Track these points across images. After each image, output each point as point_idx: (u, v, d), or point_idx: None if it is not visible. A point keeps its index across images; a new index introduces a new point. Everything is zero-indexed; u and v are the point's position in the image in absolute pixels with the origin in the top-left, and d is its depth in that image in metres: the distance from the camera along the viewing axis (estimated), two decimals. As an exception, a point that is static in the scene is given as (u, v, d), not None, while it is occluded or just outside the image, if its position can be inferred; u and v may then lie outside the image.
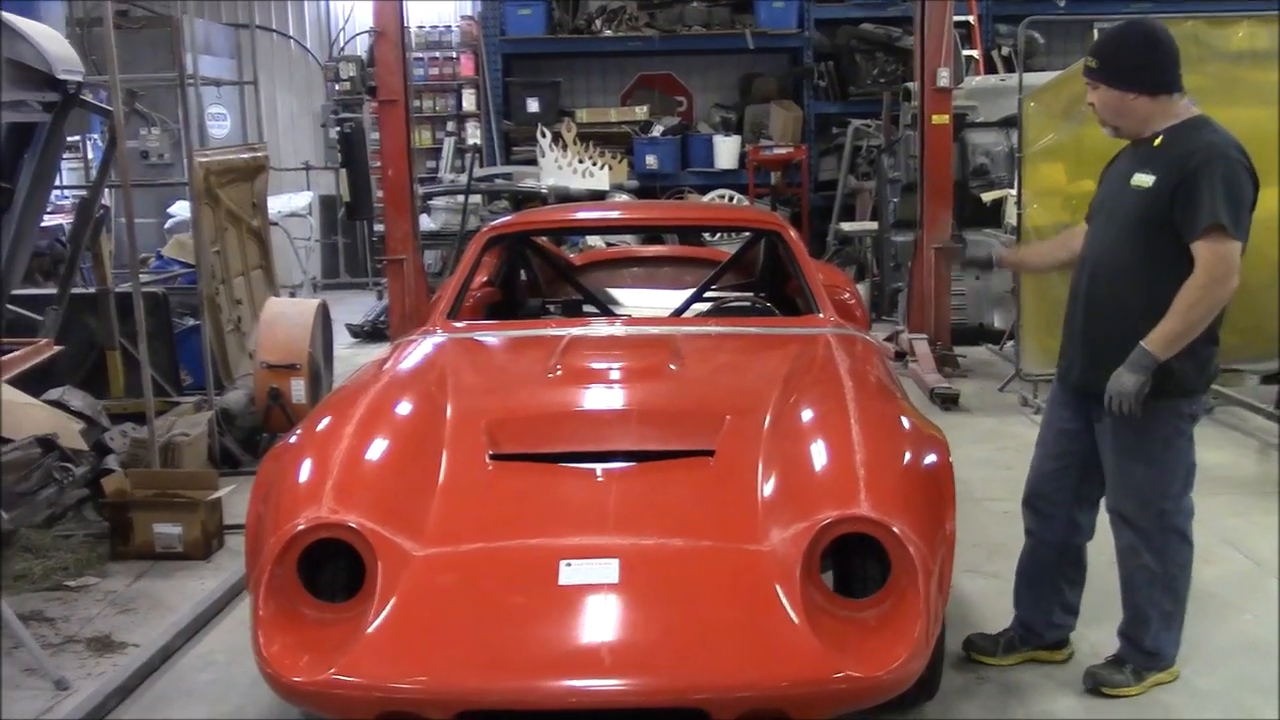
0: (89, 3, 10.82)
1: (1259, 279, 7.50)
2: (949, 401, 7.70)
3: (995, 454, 6.61)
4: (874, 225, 10.82)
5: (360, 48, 13.50)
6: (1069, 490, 3.96)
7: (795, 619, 3.06)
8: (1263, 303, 7.52)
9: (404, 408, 3.97)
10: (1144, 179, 3.68)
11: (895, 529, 3.19)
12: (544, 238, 6.83)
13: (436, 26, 13.98)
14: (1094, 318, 3.78)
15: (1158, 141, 3.70)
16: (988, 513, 5.50)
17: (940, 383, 7.98)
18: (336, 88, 12.30)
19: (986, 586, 4.67)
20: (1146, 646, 3.88)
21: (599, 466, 3.60)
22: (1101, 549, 4.04)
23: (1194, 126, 3.70)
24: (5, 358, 4.15)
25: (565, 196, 11.02)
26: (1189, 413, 3.78)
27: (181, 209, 10.66)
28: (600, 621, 3.08)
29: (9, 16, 5.67)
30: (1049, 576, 4.05)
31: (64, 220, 9.93)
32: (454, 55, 13.91)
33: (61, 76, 5.57)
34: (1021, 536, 4.12)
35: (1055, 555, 4.02)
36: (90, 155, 10.50)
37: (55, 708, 3.84)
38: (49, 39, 5.72)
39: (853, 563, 3.37)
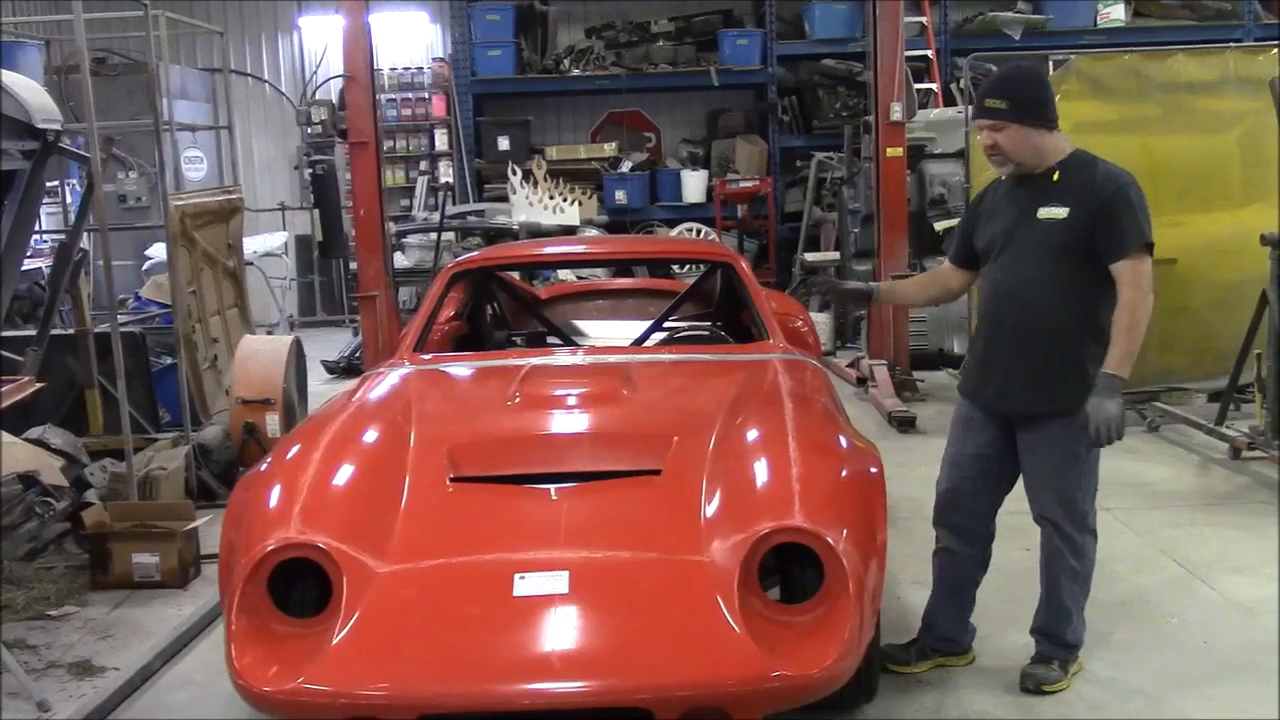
0: (67, 50, 11.07)
1: (1204, 299, 7.84)
2: (906, 424, 7.94)
3: (948, 474, 6.84)
4: (836, 255, 11.10)
5: (333, 92, 13.76)
6: (986, 506, 4.20)
7: (733, 623, 3.28)
8: (1208, 323, 7.84)
9: (369, 435, 4.19)
10: (1056, 211, 3.92)
11: (828, 538, 3.41)
12: (511, 273, 7.07)
13: (409, 68, 14.28)
14: (1026, 344, 3.97)
15: (1056, 176, 3.96)
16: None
17: (898, 406, 8.23)
18: (309, 130, 12.56)
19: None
20: (1069, 640, 4.14)
21: (553, 487, 3.82)
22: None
23: (1085, 160, 4.01)
24: (-11, 395, 4.33)
25: (537, 232, 11.27)
26: None
27: (159, 251, 10.86)
28: (551, 629, 3.30)
29: (-11, 69, 5.91)
30: (969, 588, 4.29)
31: (43, 264, 10.13)
32: (426, 96, 14.20)
33: (40, 125, 5.80)
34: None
35: (975, 567, 4.26)
36: (69, 200, 10.73)
37: (39, 728, 4.03)
38: (27, 89, 5.95)
39: (794, 572, 3.60)
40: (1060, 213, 3.91)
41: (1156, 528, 5.77)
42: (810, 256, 11.64)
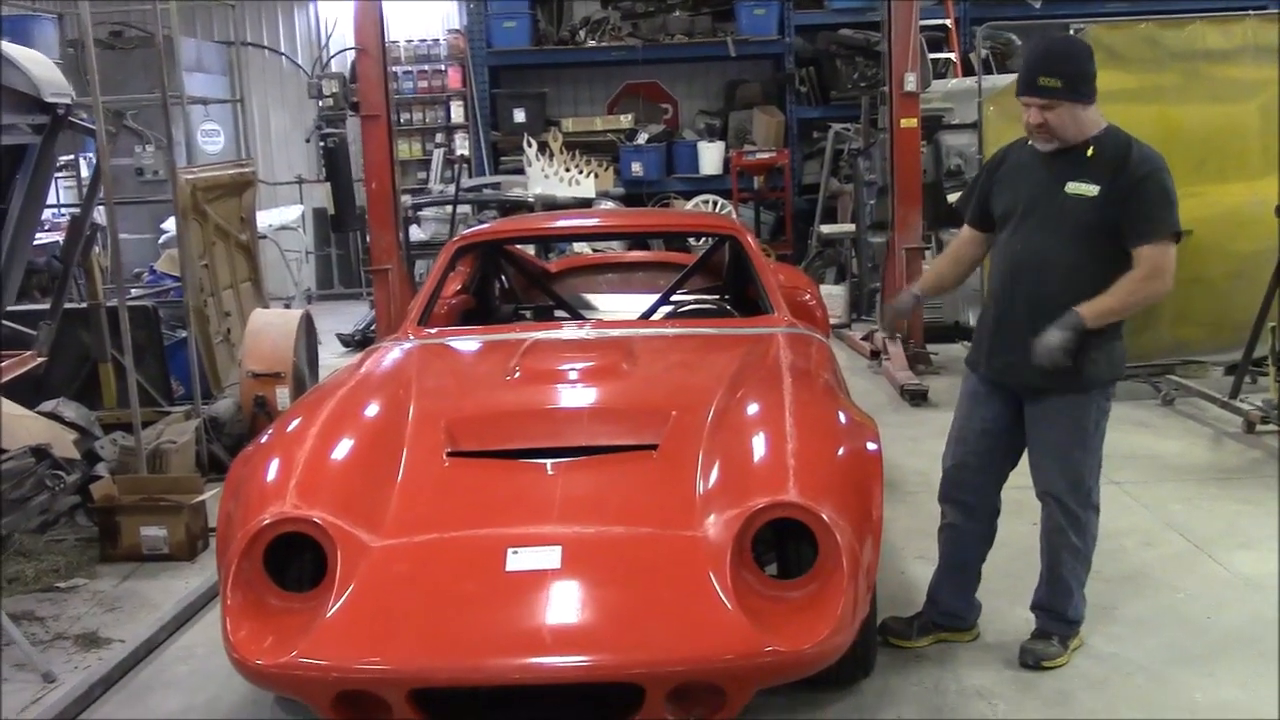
0: (81, 24, 11.08)
1: (1220, 270, 7.73)
2: (918, 398, 7.90)
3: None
4: (852, 227, 11.03)
5: (346, 64, 13.74)
6: (992, 481, 4.17)
7: (725, 599, 3.27)
8: (1225, 294, 7.74)
9: (369, 409, 4.20)
10: (1086, 188, 3.83)
11: (822, 514, 3.39)
12: (520, 246, 7.06)
13: (424, 40, 14.22)
14: (1040, 319, 3.88)
15: (1090, 151, 3.85)
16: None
17: (911, 380, 8.18)
18: (320, 104, 12.54)
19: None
20: (1070, 616, 4.13)
21: (549, 461, 3.82)
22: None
23: (1120, 138, 3.90)
24: (-6, 369, 4.36)
25: (552, 205, 11.23)
26: (1110, 396, 4.04)
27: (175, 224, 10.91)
28: (543, 604, 3.29)
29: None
30: (974, 564, 4.26)
31: (60, 238, 10.18)
32: (442, 68, 14.15)
33: (50, 99, 5.81)
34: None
35: (980, 542, 4.24)
36: (84, 173, 10.77)
37: (43, 699, 4.06)
38: (37, 63, 5.95)
39: (789, 547, 3.59)
40: (1090, 190, 3.82)
41: (1166, 502, 5.73)
42: (826, 228, 11.58)
